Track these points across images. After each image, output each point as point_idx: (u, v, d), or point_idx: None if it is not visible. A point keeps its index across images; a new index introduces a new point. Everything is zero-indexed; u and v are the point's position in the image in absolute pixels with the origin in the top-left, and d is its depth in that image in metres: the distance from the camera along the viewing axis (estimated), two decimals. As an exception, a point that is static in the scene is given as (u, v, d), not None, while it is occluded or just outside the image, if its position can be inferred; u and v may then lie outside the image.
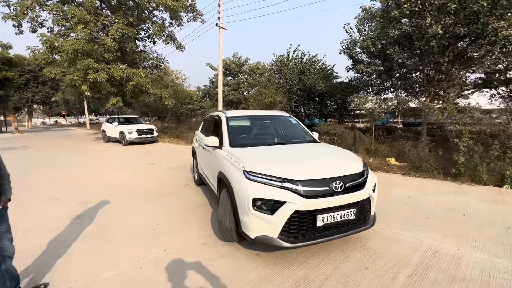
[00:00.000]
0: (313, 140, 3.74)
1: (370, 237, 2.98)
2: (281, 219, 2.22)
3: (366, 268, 2.39)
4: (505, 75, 11.85)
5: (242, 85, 24.54)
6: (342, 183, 2.38)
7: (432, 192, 4.75)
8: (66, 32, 11.97)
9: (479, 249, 2.72)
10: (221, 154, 3.17)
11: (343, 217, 2.40)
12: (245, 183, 2.40)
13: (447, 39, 9.26)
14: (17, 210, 3.61)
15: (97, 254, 2.66)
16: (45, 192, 4.91)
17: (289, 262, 2.49)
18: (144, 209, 3.95)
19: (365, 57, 13.21)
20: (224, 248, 2.76)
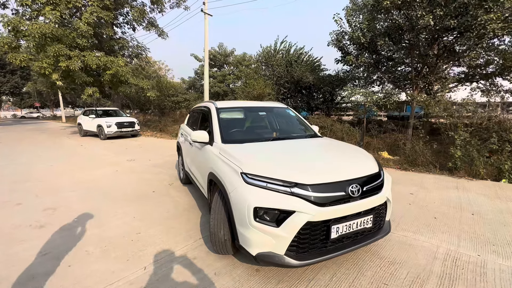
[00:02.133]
0: (314, 135, 3.35)
1: (382, 243, 2.67)
2: (290, 232, 1.82)
3: (385, 284, 2.06)
4: (485, 69, 12.12)
5: (228, 76, 23.81)
6: (359, 186, 2.01)
7: (433, 188, 4.56)
8: (32, 14, 10.75)
9: (500, 254, 2.48)
10: (212, 151, 2.71)
11: (359, 226, 2.04)
12: (244, 188, 1.97)
13: (437, 31, 9.17)
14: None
15: (65, 277, 2.15)
16: (6, 195, 4.24)
17: (296, 280, 2.11)
18: (123, 215, 3.43)
19: (353, 48, 13.03)
20: (218, 263, 2.34)
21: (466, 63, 11.65)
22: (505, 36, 9.54)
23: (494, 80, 12.82)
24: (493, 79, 12.67)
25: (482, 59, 11.43)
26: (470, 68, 12.27)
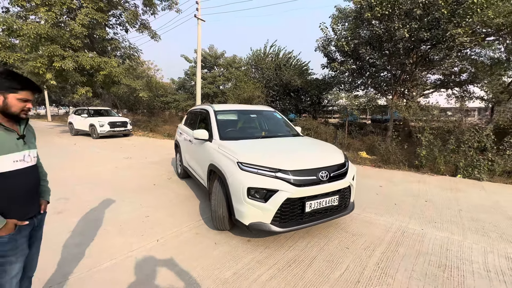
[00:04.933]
0: (296, 134, 3.98)
1: (348, 221, 3.31)
2: (274, 206, 2.42)
3: (347, 248, 2.69)
4: (459, 77, 13.23)
5: (218, 78, 24.22)
6: (328, 172, 2.64)
7: (399, 182, 5.30)
8: (26, 14, 10.87)
9: (439, 228, 3.18)
10: (212, 147, 3.27)
11: (328, 204, 2.66)
12: (240, 173, 2.55)
13: (412, 42, 10.07)
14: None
15: (92, 248, 2.65)
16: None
17: (279, 246, 2.71)
18: (130, 203, 3.91)
19: (339, 55, 13.85)
20: (217, 236, 2.90)
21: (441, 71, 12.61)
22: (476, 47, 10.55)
23: (467, 87, 13.87)
24: (466, 86, 13.72)
25: (457, 68, 12.41)
26: (445, 76, 13.36)
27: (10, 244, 1.31)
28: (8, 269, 1.32)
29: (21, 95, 1.33)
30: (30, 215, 1.45)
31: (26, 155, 1.41)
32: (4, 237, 1.28)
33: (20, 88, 1.32)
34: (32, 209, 1.48)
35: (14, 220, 1.32)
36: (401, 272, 2.29)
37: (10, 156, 1.32)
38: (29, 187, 1.45)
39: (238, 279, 2.18)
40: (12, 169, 1.32)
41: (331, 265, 2.39)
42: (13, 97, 1.31)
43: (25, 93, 1.35)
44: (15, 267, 1.35)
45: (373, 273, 2.27)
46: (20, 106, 1.34)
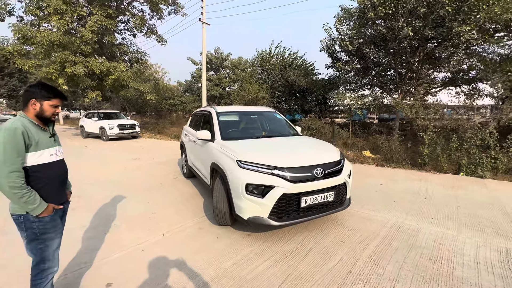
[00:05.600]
0: (296, 134, 4.12)
1: (346, 217, 3.43)
2: (271, 201, 2.56)
3: (342, 241, 2.81)
4: (468, 74, 13.02)
5: (224, 80, 24.51)
6: (322, 169, 2.77)
7: (400, 180, 5.35)
8: (39, 22, 11.38)
9: (434, 224, 3.26)
10: (214, 147, 3.44)
11: (323, 199, 2.78)
12: (238, 171, 2.71)
13: (417, 40, 10.02)
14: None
15: (103, 240, 2.86)
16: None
17: (277, 240, 2.85)
18: (138, 201, 4.13)
19: (343, 55, 13.86)
20: (219, 231, 3.07)
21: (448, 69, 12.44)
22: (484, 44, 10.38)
23: (476, 85, 13.60)
24: (475, 83, 13.45)
25: (466, 65, 12.21)
26: (453, 73, 13.17)
27: (50, 223, 1.63)
28: (50, 244, 1.65)
29: (52, 102, 1.62)
30: (61, 201, 1.75)
31: (57, 150, 1.73)
32: (46, 217, 1.60)
33: (52, 97, 1.61)
34: (63, 196, 1.79)
35: (52, 204, 1.63)
36: (392, 263, 2.40)
37: (47, 150, 1.63)
38: (62, 177, 1.76)
39: (237, 268, 2.34)
40: (49, 161, 1.63)
41: (325, 257, 2.51)
42: (46, 104, 1.60)
43: (56, 100, 1.63)
44: (56, 242, 1.69)
45: (365, 264, 2.39)
46: (52, 111, 1.64)
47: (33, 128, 1.56)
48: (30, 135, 1.51)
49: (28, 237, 1.58)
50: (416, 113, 7.27)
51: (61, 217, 1.80)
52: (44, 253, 1.62)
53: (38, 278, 1.63)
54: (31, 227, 1.56)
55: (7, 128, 1.45)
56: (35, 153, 1.54)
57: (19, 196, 1.44)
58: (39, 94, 1.57)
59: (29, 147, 1.52)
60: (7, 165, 1.41)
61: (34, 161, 1.55)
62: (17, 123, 1.48)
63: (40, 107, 1.58)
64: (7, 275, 2.29)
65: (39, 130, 1.59)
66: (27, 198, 1.47)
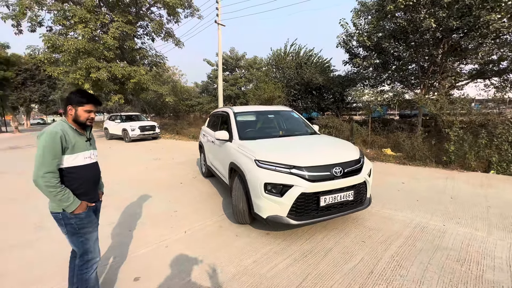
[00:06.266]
0: (314, 132, 4.09)
1: (366, 217, 3.36)
2: (289, 200, 2.58)
3: (363, 241, 2.76)
4: (498, 65, 12.16)
5: (239, 80, 24.69)
6: (341, 168, 2.74)
7: (424, 178, 5.14)
8: (67, 31, 12.08)
9: (462, 224, 3.11)
10: (232, 147, 3.51)
11: (342, 198, 2.75)
12: (257, 170, 2.74)
13: (441, 31, 9.53)
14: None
15: (129, 237, 3.02)
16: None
17: (296, 239, 2.86)
18: (161, 200, 4.30)
19: (361, 50, 13.47)
20: (239, 229, 3.13)
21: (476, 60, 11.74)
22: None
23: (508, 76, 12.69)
24: (507, 75, 12.56)
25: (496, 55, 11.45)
26: (481, 65, 12.37)
27: (86, 218, 1.76)
28: (89, 237, 1.79)
29: (86, 107, 1.72)
30: (94, 200, 1.87)
31: (92, 153, 1.85)
32: (82, 213, 1.73)
33: (85, 102, 1.71)
34: (95, 196, 1.91)
35: (85, 202, 1.76)
36: (416, 265, 2.33)
37: (82, 153, 1.75)
38: (94, 178, 1.90)
39: (257, 266, 2.38)
40: (84, 163, 1.76)
41: (346, 257, 2.49)
42: (81, 109, 1.71)
43: (89, 105, 1.73)
44: (94, 235, 1.83)
45: (387, 265, 2.34)
46: (86, 116, 1.74)
47: (71, 132, 1.69)
48: (68, 139, 1.64)
49: (69, 232, 1.72)
50: (441, 108, 6.92)
51: (94, 214, 1.92)
52: (86, 245, 1.77)
53: (84, 268, 1.78)
54: (69, 223, 1.70)
55: (49, 132, 1.59)
56: (70, 155, 1.67)
57: (54, 194, 1.58)
58: (74, 100, 1.70)
59: (65, 150, 1.64)
60: (44, 167, 1.55)
61: (69, 163, 1.67)
62: (57, 128, 1.62)
63: (75, 112, 1.70)
64: (48, 267, 2.48)
65: (76, 134, 1.72)
66: (61, 196, 1.60)
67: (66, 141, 1.63)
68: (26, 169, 6.89)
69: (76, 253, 1.84)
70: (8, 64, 21.23)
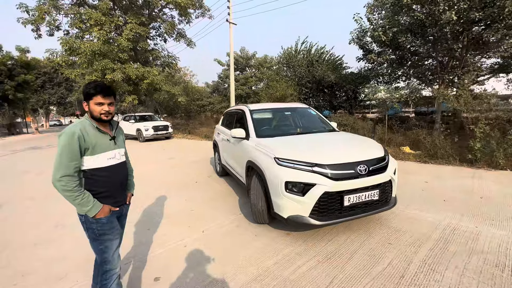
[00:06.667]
0: (332, 129, 3.95)
1: (391, 217, 3.20)
2: (312, 199, 2.47)
3: (389, 243, 2.62)
4: (523, 58, 11.50)
5: (250, 79, 24.63)
6: (366, 166, 2.60)
7: (448, 177, 4.89)
8: (82, 34, 12.40)
9: (496, 226, 2.90)
10: (249, 145, 3.43)
11: (367, 198, 2.62)
12: (277, 168, 2.65)
13: (461, 24, 9.10)
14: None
15: (148, 236, 3.00)
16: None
17: (318, 240, 2.75)
18: (177, 198, 4.28)
19: (375, 46, 13.10)
20: (257, 229, 3.04)
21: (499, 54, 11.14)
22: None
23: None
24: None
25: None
26: (504, 59, 11.75)
27: (108, 224, 1.62)
28: (109, 245, 1.64)
29: (96, 99, 1.54)
30: (119, 204, 1.75)
31: (116, 153, 1.69)
32: (103, 218, 1.59)
33: (93, 94, 1.53)
34: (121, 199, 1.78)
35: (108, 206, 1.62)
36: (451, 269, 2.17)
37: (104, 154, 1.60)
38: (120, 180, 1.75)
39: (279, 268, 2.29)
40: (107, 165, 1.62)
41: (373, 259, 2.36)
42: (92, 103, 1.55)
43: (99, 97, 1.54)
44: (114, 243, 1.67)
45: (419, 269, 2.19)
46: (98, 110, 1.56)
47: (92, 131, 1.56)
48: (87, 139, 1.51)
49: (90, 237, 1.62)
50: (465, 104, 6.58)
51: (119, 219, 1.80)
52: (105, 254, 1.63)
53: (103, 278, 1.68)
54: (91, 227, 1.59)
55: (66, 133, 1.48)
56: (91, 157, 1.54)
57: (73, 198, 1.47)
58: (84, 94, 1.56)
59: (85, 151, 1.52)
60: (61, 170, 1.44)
61: (90, 165, 1.55)
62: (76, 127, 1.50)
63: (88, 107, 1.56)
64: (70, 265, 2.49)
65: (98, 133, 1.58)
66: (80, 200, 1.48)
67: (85, 141, 1.50)
68: (46, 169, 7.10)
69: None
70: (29, 68, 22.10)
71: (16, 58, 21.14)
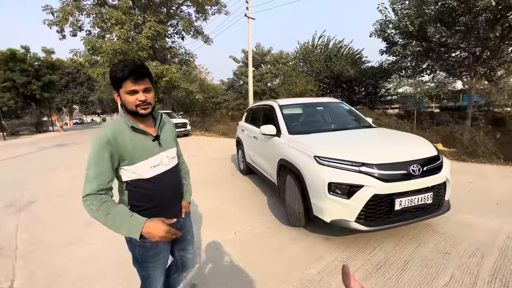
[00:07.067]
0: (369, 125, 3.67)
1: (440, 222, 2.89)
2: (359, 202, 2.23)
3: (446, 253, 2.34)
4: None
5: (265, 75, 24.31)
6: (420, 166, 2.33)
7: (494, 177, 4.45)
8: (104, 33, 12.64)
9: None
10: (281, 142, 3.23)
11: (420, 201, 2.35)
12: (318, 168, 2.43)
13: (499, 11, 8.38)
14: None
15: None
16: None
17: (362, 247, 2.51)
18: (204, 197, 4.15)
19: (400, 38, 12.44)
20: (292, 232, 2.85)
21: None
22: None
23: None
24: None
25: None
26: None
27: (152, 250, 1.25)
28: (152, 273, 1.29)
29: (126, 87, 1.11)
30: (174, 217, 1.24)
31: (163, 157, 1.25)
32: (147, 242, 1.17)
33: (122, 78, 1.09)
34: (175, 213, 1.36)
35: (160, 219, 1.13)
36: (529, 286, 1.87)
37: (146, 162, 1.18)
38: (170, 192, 1.30)
39: (325, 277, 2.08)
40: (150, 175, 1.19)
41: (430, 271, 2.09)
42: (122, 92, 1.13)
43: (128, 83, 1.10)
44: (157, 273, 1.31)
45: (489, 285, 1.91)
46: (132, 100, 1.12)
47: (128, 132, 1.14)
48: (122, 144, 1.11)
49: (133, 259, 1.29)
50: (510, 97, 6.02)
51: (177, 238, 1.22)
52: (146, 281, 1.31)
53: None
54: (133, 250, 1.26)
55: (95, 138, 1.10)
56: (128, 167, 1.16)
57: (103, 223, 1.07)
58: (112, 81, 1.14)
59: (121, 161, 1.14)
60: (86, 186, 1.07)
61: (129, 177, 1.18)
62: (106, 130, 1.10)
63: (120, 99, 1.16)
64: (102, 266, 2.41)
65: (135, 134, 1.16)
66: (111, 223, 1.06)
67: (118, 148, 1.10)
68: (72, 166, 7.27)
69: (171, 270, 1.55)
70: (54, 68, 23.02)
71: (42, 59, 22.08)
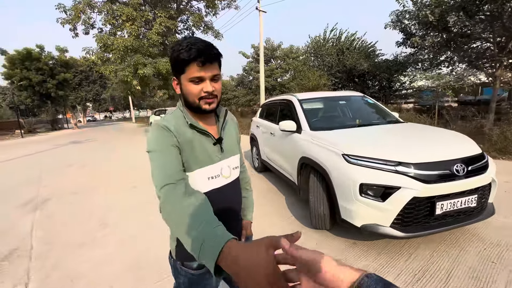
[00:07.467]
0: (397, 120, 3.40)
1: (480, 226, 2.63)
2: (395, 206, 2.01)
3: (493, 262, 2.09)
4: None
5: (275, 71, 23.94)
6: (464, 165, 2.08)
7: (532, 177, 4.10)
8: (115, 30, 12.66)
9: None
10: (301, 138, 3.02)
11: (463, 205, 2.10)
12: (348, 167, 2.22)
13: (530, -4, 7.80)
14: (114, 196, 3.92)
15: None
16: (123, 180, 5.32)
17: (395, 253, 2.29)
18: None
19: (418, 28, 11.87)
20: (315, 235, 2.66)
21: None
22: None
23: None
24: None
25: None
26: None
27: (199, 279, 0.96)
28: None
29: (190, 72, 0.80)
30: None
31: (223, 167, 0.94)
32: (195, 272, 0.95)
33: (186, 61, 0.78)
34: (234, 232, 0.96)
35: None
36: None
37: (203, 171, 0.88)
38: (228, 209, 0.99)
39: None
40: (206, 190, 0.88)
41: (480, 284, 1.86)
42: (185, 80, 0.83)
43: (192, 68, 0.79)
44: None
45: (552, 302, 1.67)
46: (195, 92, 0.82)
47: (188, 131, 0.86)
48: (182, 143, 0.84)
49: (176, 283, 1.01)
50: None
51: None
52: None
53: None
54: (177, 278, 0.99)
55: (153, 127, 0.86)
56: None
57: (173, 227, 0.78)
58: (172, 63, 0.84)
59: None
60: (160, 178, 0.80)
61: None
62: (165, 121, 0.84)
63: (181, 88, 0.86)
64: (117, 269, 2.31)
65: (194, 135, 0.87)
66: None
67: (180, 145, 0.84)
68: (87, 162, 7.31)
69: None
70: (67, 67, 23.48)
71: (56, 57, 22.52)
